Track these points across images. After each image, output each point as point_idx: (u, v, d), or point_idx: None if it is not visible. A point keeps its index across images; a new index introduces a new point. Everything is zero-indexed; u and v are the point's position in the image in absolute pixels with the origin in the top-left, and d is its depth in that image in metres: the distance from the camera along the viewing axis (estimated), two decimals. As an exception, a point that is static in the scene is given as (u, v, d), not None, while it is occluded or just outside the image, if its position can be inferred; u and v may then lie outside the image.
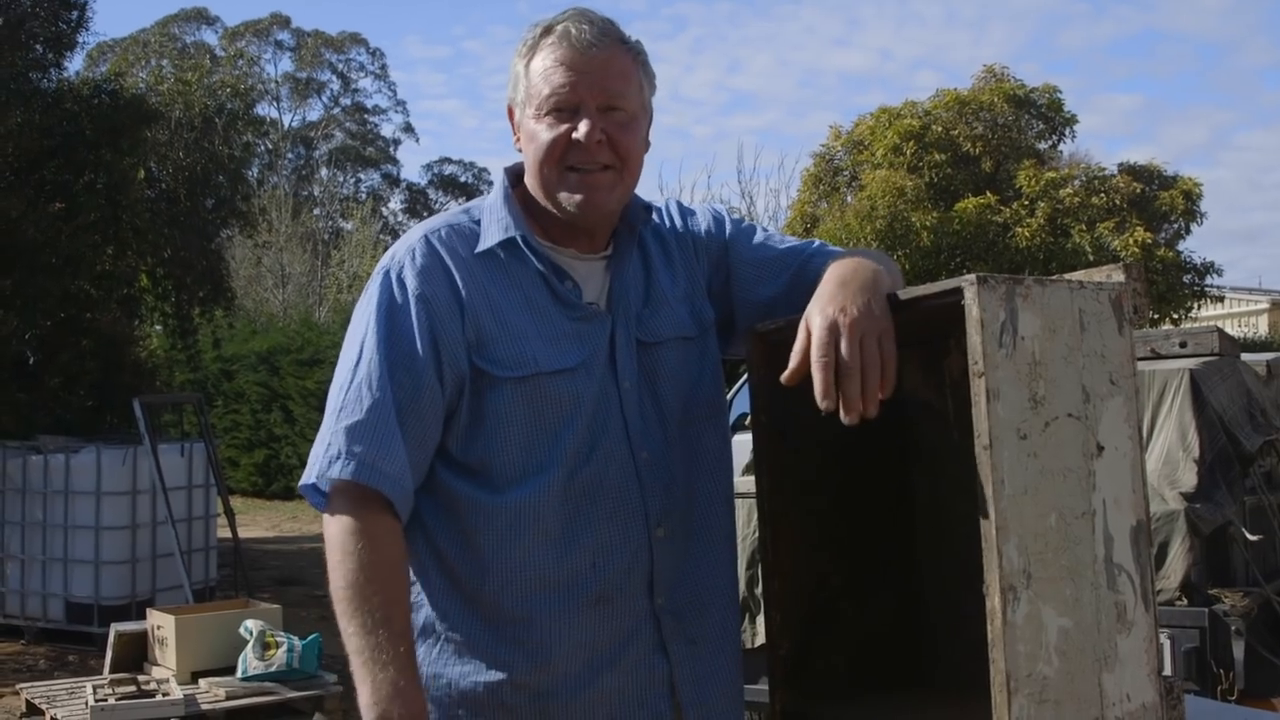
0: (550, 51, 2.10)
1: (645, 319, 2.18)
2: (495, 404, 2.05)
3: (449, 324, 2.05)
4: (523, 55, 2.14)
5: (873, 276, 1.99)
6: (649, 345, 2.17)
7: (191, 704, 6.80)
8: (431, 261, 2.09)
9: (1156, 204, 20.08)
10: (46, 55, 12.91)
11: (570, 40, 2.09)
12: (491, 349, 2.05)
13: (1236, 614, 5.02)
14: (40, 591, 9.94)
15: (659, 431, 2.15)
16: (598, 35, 2.09)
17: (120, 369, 13.26)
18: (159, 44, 33.33)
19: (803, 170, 23.02)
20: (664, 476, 2.13)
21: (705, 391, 2.24)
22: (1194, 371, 5.53)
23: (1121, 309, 1.90)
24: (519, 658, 2.05)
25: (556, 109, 2.09)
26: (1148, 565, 1.89)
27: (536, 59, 2.12)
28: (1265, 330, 30.90)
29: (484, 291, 2.08)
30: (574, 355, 2.09)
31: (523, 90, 2.14)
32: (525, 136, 2.14)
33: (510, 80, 2.18)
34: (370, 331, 2.07)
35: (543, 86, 2.10)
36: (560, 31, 2.10)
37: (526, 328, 2.08)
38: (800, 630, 2.23)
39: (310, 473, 2.03)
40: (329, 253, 34.93)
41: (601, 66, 2.09)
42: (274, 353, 22.79)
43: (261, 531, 17.38)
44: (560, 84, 2.08)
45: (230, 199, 15.86)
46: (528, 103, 2.13)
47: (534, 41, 2.13)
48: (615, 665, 2.08)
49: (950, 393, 2.29)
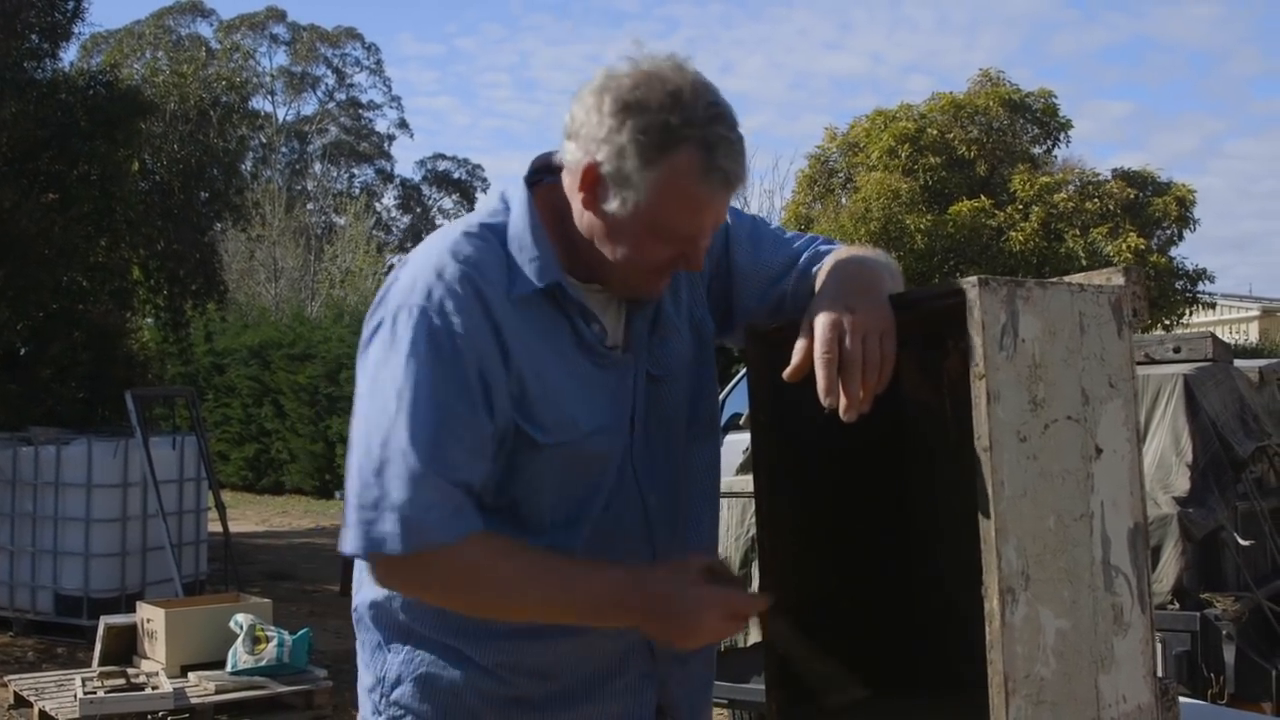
0: (701, 194, 1.92)
1: (654, 349, 2.12)
2: (532, 466, 1.97)
3: (498, 375, 1.91)
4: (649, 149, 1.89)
5: (876, 275, 1.99)
6: (658, 380, 2.12)
7: (181, 697, 6.80)
8: (473, 302, 1.91)
9: (1150, 210, 20.11)
10: (42, 45, 12.88)
11: (728, 185, 1.93)
12: (533, 409, 1.94)
13: (1227, 618, 5.03)
14: (29, 583, 9.91)
15: (664, 468, 2.11)
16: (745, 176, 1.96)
17: (112, 361, 13.22)
18: (154, 36, 33.32)
19: (797, 171, 23.05)
20: (669, 514, 2.12)
21: (703, 409, 2.22)
22: (1188, 377, 5.54)
23: (1121, 312, 1.91)
24: (524, 680, 2.03)
25: (673, 238, 1.96)
26: (1145, 567, 1.90)
27: (678, 183, 1.90)
28: (1256, 338, 30.98)
29: (524, 342, 1.94)
30: (607, 412, 2.03)
31: (638, 194, 1.91)
32: (616, 232, 1.96)
33: (610, 145, 1.91)
34: (411, 375, 1.88)
35: (676, 219, 1.93)
36: (721, 178, 1.91)
37: (564, 383, 1.98)
38: (795, 630, 2.23)
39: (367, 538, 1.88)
40: (322, 248, 34.95)
41: (727, 201, 2.00)
42: (266, 347, 22.78)
43: (252, 526, 17.36)
44: (697, 225, 1.95)
45: (224, 192, 15.81)
46: (641, 213, 1.92)
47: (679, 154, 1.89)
48: (609, 686, 2.08)
49: (948, 394, 2.29)
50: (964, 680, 2.02)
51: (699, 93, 1.91)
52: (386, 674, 2.07)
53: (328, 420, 21.33)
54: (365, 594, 2.13)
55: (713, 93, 1.92)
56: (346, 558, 1.99)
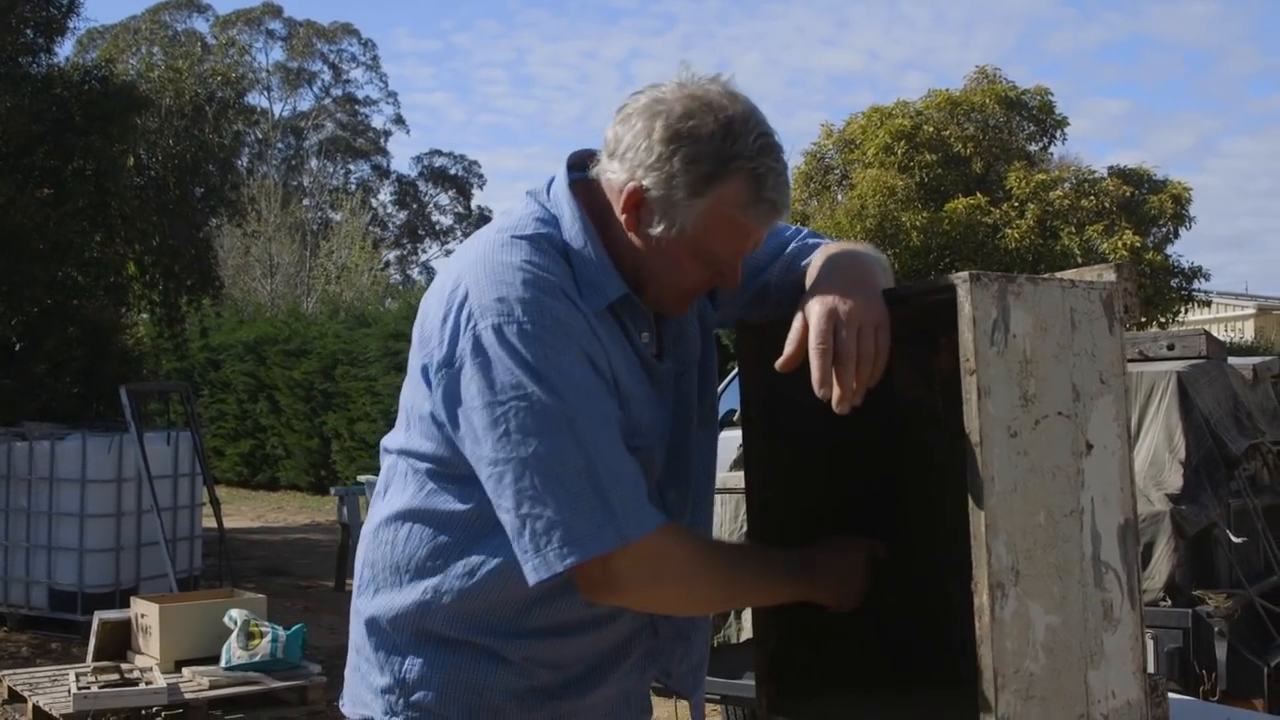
0: (748, 210, 1.93)
1: (678, 347, 2.15)
2: None
3: (608, 374, 1.93)
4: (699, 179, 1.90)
5: (869, 268, 1.99)
6: (679, 375, 2.14)
7: (175, 693, 6.79)
8: (568, 314, 1.89)
9: (1146, 208, 20.11)
10: (37, 40, 12.88)
11: (774, 214, 1.96)
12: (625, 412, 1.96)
13: (1220, 615, 5.03)
14: (24, 578, 9.90)
15: (681, 462, 2.13)
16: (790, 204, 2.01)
17: (107, 357, 13.24)
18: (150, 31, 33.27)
19: (794, 168, 23.00)
20: (682, 507, 2.13)
21: (708, 399, 2.24)
22: (1181, 374, 5.54)
23: (1112, 308, 1.91)
24: (536, 659, 2.02)
25: (715, 261, 1.99)
26: (1134, 563, 1.90)
27: (726, 211, 1.92)
28: (1251, 336, 30.97)
29: (605, 350, 1.94)
30: (664, 420, 2.07)
31: (686, 219, 1.93)
32: (659, 252, 1.97)
33: (657, 171, 1.92)
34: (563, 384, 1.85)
35: (720, 244, 1.95)
36: (769, 209, 1.94)
37: (635, 390, 1.99)
38: (787, 625, 2.24)
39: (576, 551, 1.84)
40: (318, 243, 34.94)
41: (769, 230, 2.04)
42: (261, 343, 22.77)
43: (246, 521, 17.36)
44: (739, 250, 1.98)
45: (219, 188, 15.82)
46: (685, 237, 1.94)
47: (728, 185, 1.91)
48: (618, 667, 2.09)
49: (940, 389, 2.29)
50: (959, 675, 2.03)
51: (750, 123, 1.91)
52: (406, 676, 2.04)
53: (323, 416, 21.33)
54: (386, 600, 2.07)
55: (762, 122, 1.94)
56: (341, 553, 1.98)
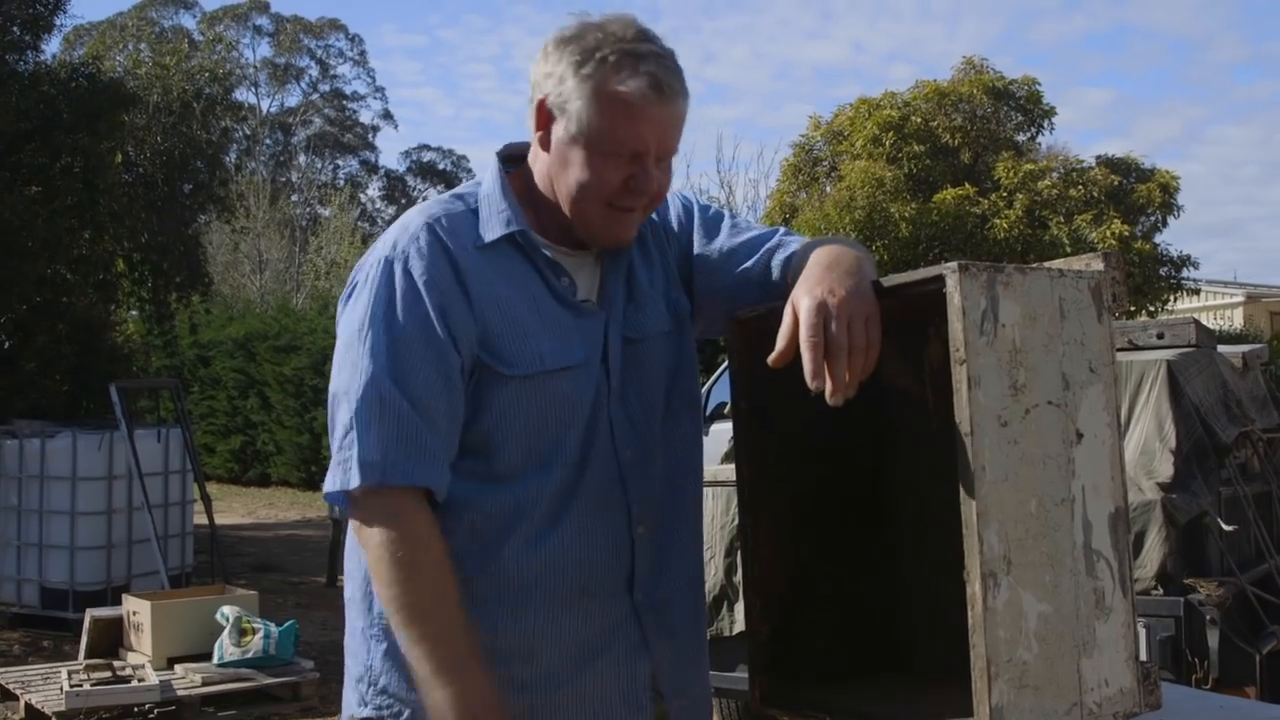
0: (630, 94, 2.00)
1: (630, 315, 2.17)
2: (500, 400, 2.02)
3: (461, 311, 1.99)
4: (584, 69, 2.02)
5: (856, 261, 1.99)
6: (634, 341, 2.16)
7: (167, 689, 6.80)
8: (436, 250, 2.03)
9: (1134, 197, 20.17)
10: (24, 37, 12.83)
11: (661, 92, 2.01)
12: (498, 344, 2.02)
13: (1211, 604, 5.05)
14: (15, 576, 9.89)
15: (642, 428, 2.14)
16: (679, 86, 2.04)
17: (96, 354, 13.20)
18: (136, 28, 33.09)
19: (782, 160, 23.06)
20: (645, 474, 2.13)
21: (683, 383, 2.24)
22: (1171, 363, 5.56)
23: (1101, 297, 1.91)
24: (504, 650, 2.03)
25: (618, 154, 2.03)
26: (1126, 552, 1.91)
27: (609, 88, 2.00)
28: (1240, 323, 31.06)
29: (490, 284, 2.03)
30: (578, 352, 2.07)
31: (578, 111, 2.02)
32: (568, 159, 2.05)
33: (553, 76, 2.05)
34: (378, 323, 1.99)
35: (612, 127, 2.01)
36: (649, 82, 2.00)
37: (531, 323, 2.04)
38: (780, 616, 2.24)
39: (338, 478, 1.97)
40: (307, 239, 34.92)
41: (672, 119, 2.05)
42: (251, 339, 22.74)
43: (238, 518, 17.34)
44: (636, 135, 2.01)
45: (208, 184, 15.79)
46: (583, 129, 2.02)
47: (607, 66, 2.01)
48: (598, 661, 2.08)
49: (930, 380, 2.30)
50: (950, 665, 2.03)
51: (630, 25, 2.05)
52: (373, 664, 2.07)
53: (313, 412, 21.29)
54: (358, 580, 2.12)
55: (646, 29, 2.06)
56: (332, 549, 2.01)
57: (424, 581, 1.92)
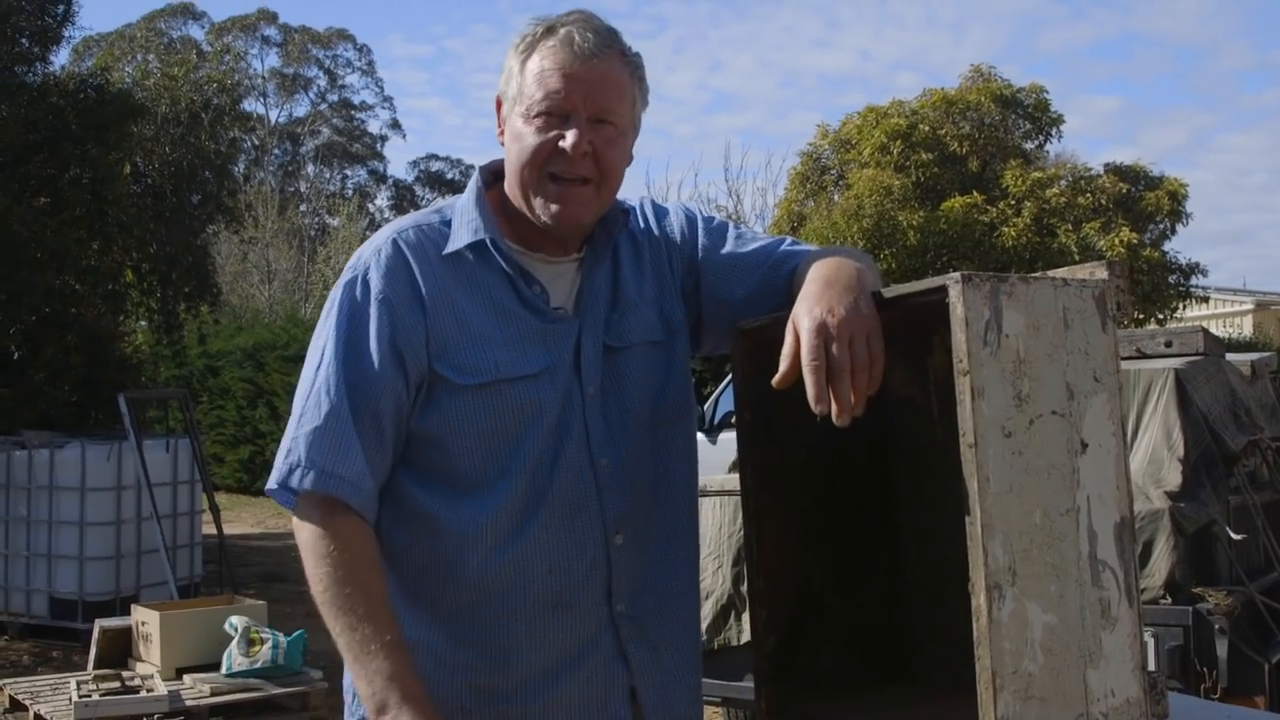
0: (550, 54, 2.06)
1: (613, 323, 2.17)
2: (455, 410, 2.04)
3: (411, 326, 2.03)
4: (520, 51, 2.10)
5: (856, 275, 1.98)
6: (616, 350, 2.16)
7: (176, 700, 6.79)
8: (396, 264, 2.07)
9: (1142, 204, 20.13)
10: (32, 49, 12.88)
11: (573, 46, 2.05)
12: (453, 354, 2.04)
13: (1220, 613, 5.03)
14: (24, 587, 9.91)
15: (623, 437, 2.13)
16: (600, 45, 2.06)
17: (105, 364, 13.24)
18: (145, 39, 33.22)
19: (790, 169, 23.04)
20: (625, 483, 2.12)
21: (672, 394, 2.23)
22: (1179, 371, 5.54)
23: (1105, 306, 1.91)
24: (478, 661, 2.04)
25: (547, 113, 2.05)
26: (1131, 561, 1.90)
27: (534, 58, 2.07)
28: (1250, 331, 30.97)
29: (448, 295, 2.06)
30: (537, 361, 2.08)
31: (515, 87, 2.09)
32: (511, 135, 2.11)
33: (504, 73, 2.13)
34: (330, 336, 2.06)
35: (536, 89, 2.05)
36: (563, 36, 2.06)
37: (490, 332, 2.06)
38: (786, 626, 2.23)
39: (273, 477, 2.05)
40: (315, 249, 34.96)
41: (599, 78, 2.06)
42: (259, 349, 22.78)
43: (247, 528, 17.36)
44: (555, 89, 2.04)
45: (216, 194, 15.84)
46: (518, 101, 2.08)
47: (534, 39, 2.09)
48: (575, 672, 2.07)
49: (934, 390, 2.29)
50: (956, 676, 2.03)
51: (575, 12, 2.12)
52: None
53: (322, 422, 21.27)
54: None
55: (592, 15, 2.12)
56: None
57: (344, 576, 1.96)
